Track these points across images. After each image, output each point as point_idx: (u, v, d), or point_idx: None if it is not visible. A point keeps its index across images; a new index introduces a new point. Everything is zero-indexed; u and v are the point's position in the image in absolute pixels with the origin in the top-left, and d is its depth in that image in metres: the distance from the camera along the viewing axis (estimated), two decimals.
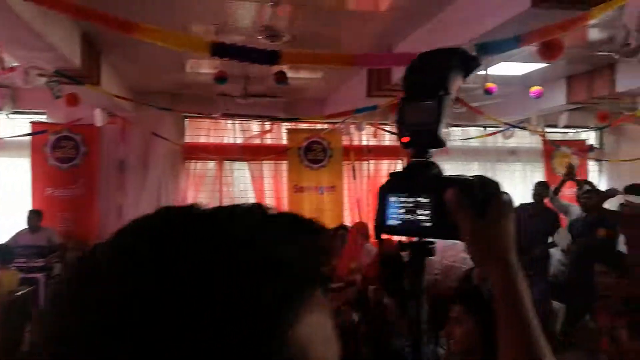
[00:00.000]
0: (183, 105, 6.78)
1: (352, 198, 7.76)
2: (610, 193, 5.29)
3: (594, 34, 4.54)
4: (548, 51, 2.75)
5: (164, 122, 6.85)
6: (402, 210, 0.73)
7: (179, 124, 7.26)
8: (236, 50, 2.27)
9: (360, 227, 5.72)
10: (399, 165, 8.08)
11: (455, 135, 8.15)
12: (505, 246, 0.70)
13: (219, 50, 2.25)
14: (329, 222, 7.35)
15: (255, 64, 3.29)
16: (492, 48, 1.94)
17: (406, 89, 0.76)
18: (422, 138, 0.74)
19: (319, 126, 7.65)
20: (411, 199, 0.73)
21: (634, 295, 2.96)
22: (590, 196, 4.66)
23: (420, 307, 0.72)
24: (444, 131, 0.74)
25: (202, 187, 7.34)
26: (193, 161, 7.35)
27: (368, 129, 7.21)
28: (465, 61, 0.76)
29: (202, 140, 7.41)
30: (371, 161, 7.95)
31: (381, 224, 0.75)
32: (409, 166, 0.76)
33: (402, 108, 0.76)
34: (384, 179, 0.78)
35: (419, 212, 0.72)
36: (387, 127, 7.62)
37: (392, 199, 0.74)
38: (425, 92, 0.73)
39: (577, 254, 4.59)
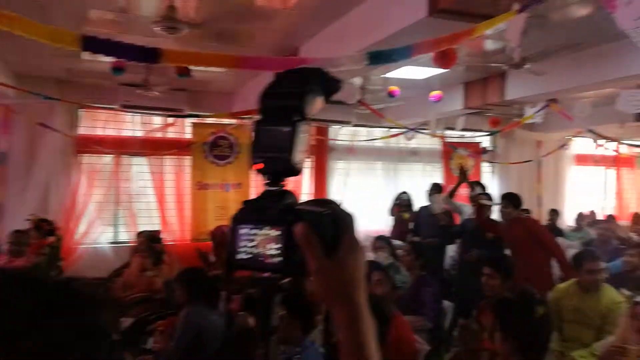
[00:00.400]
0: (77, 94, 6.28)
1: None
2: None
3: (489, 45, 4.81)
4: (442, 60, 2.86)
5: (54, 111, 6.31)
6: (252, 243, 0.67)
7: (72, 114, 6.72)
8: (110, 46, 2.08)
9: None
10: (307, 163, 8.15)
11: (360, 135, 8.34)
12: (352, 285, 0.66)
13: (91, 44, 2.03)
14: None
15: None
16: (385, 57, 1.96)
17: (261, 112, 0.70)
18: (275, 165, 0.68)
19: (226, 120, 7.44)
20: (261, 231, 0.67)
21: (503, 297, 3.17)
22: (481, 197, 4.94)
23: (268, 347, 0.67)
24: (299, 158, 0.68)
25: (96, 183, 6.87)
26: (87, 155, 6.86)
27: None
28: (325, 83, 0.71)
29: (99, 132, 6.92)
30: None
31: (231, 258, 0.68)
32: (262, 195, 0.70)
33: (257, 132, 0.70)
34: (293, 178, 0.72)
35: (268, 245, 0.66)
36: None
37: (243, 230, 0.68)
38: (280, 116, 0.68)
39: (466, 254, 4.88)
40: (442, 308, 3.77)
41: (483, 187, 5.32)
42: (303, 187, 8.05)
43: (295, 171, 0.68)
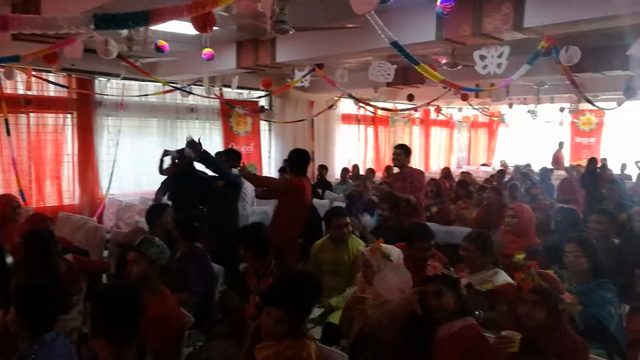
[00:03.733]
0: None
1: (6, 158, 6.51)
2: None
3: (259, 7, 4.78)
4: (198, 24, 2.73)
5: None
6: None
7: None
8: None
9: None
10: (68, 119, 7.21)
11: (132, 90, 7.71)
12: None
13: None
14: None
15: None
16: (116, 21, 1.74)
17: None
18: None
19: None
20: None
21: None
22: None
23: None
24: None
25: None
26: None
27: (22, 76, 6.12)
28: None
29: None
30: (32, 114, 6.81)
31: None
32: None
33: None
34: (49, 135, 0.50)
35: None
36: (51, 77, 6.64)
37: None
38: None
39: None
40: (211, 278, 3.72)
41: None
42: (66, 147, 7.17)
43: None
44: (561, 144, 13.84)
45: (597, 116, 14.75)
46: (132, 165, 7.90)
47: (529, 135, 16.31)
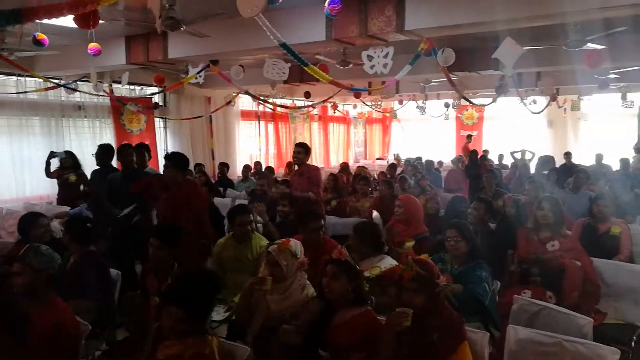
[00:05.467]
0: None
1: None
2: None
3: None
4: (80, 22, 2.60)
5: None
6: None
7: None
8: None
9: None
10: None
11: (8, 86, 7.07)
12: None
13: None
14: None
15: None
16: None
17: None
18: None
19: None
20: None
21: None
22: None
23: None
24: None
25: None
26: None
27: None
28: None
29: None
30: None
31: None
32: None
33: None
34: None
35: None
36: None
37: None
38: None
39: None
40: (108, 282, 3.57)
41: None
42: None
43: None
44: (469, 137, 14.28)
45: (478, 111, 16.07)
46: (12, 168, 7.26)
47: (420, 130, 17.39)
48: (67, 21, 5.11)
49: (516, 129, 15.09)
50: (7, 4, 2.04)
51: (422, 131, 17.27)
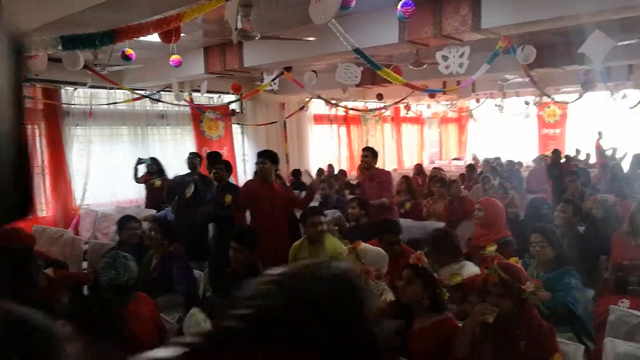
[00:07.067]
0: None
1: None
2: None
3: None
4: (164, 37, 2.75)
5: None
6: None
7: None
8: None
9: None
10: (36, 131, 7.09)
11: (99, 98, 7.62)
12: None
13: None
14: None
15: None
16: (82, 42, 1.75)
17: None
18: None
19: None
20: None
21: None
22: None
23: None
24: None
25: None
26: None
27: None
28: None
29: None
30: None
31: None
32: None
33: None
34: None
35: None
36: None
37: None
38: None
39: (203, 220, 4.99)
40: (192, 280, 3.75)
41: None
42: (36, 159, 7.04)
43: None
44: (600, 134, 12.72)
45: (561, 108, 15.15)
46: (105, 174, 7.81)
47: (498, 129, 16.67)
48: (152, 36, 5.45)
49: (603, 126, 14.01)
50: (99, 25, 2.20)
51: (500, 130, 16.56)
